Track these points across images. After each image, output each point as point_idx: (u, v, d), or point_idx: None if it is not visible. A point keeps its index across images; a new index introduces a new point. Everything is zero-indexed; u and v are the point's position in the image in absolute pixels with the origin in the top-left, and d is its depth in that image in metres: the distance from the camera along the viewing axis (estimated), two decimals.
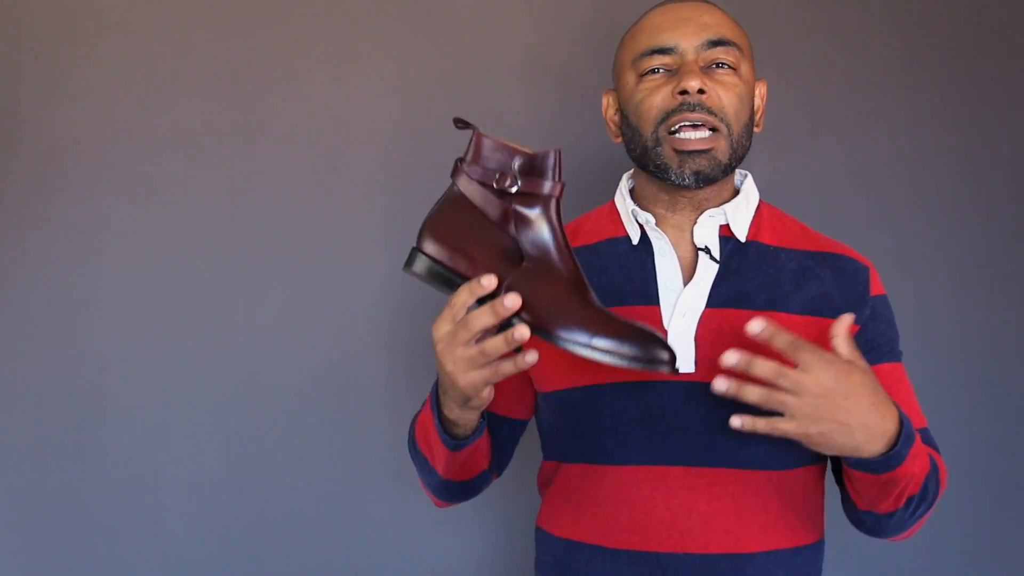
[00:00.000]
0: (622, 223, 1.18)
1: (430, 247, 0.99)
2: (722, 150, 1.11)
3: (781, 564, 1.08)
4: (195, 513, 1.64)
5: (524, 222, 0.98)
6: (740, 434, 1.07)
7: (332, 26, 1.70)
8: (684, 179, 1.11)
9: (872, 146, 1.78)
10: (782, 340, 0.95)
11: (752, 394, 0.95)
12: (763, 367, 0.94)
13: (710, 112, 1.10)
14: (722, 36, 1.12)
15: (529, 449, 1.56)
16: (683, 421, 1.08)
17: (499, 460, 1.23)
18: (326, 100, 1.69)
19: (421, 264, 0.98)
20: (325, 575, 1.67)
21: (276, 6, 1.69)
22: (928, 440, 1.15)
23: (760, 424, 0.96)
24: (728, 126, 1.11)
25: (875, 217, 1.78)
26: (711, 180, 1.12)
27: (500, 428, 1.21)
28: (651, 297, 1.12)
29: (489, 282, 0.93)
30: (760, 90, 1.20)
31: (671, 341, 1.09)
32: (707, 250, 1.13)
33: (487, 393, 0.98)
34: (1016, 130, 1.82)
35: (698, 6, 1.14)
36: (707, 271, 1.12)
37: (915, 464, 1.01)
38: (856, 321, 1.14)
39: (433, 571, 1.70)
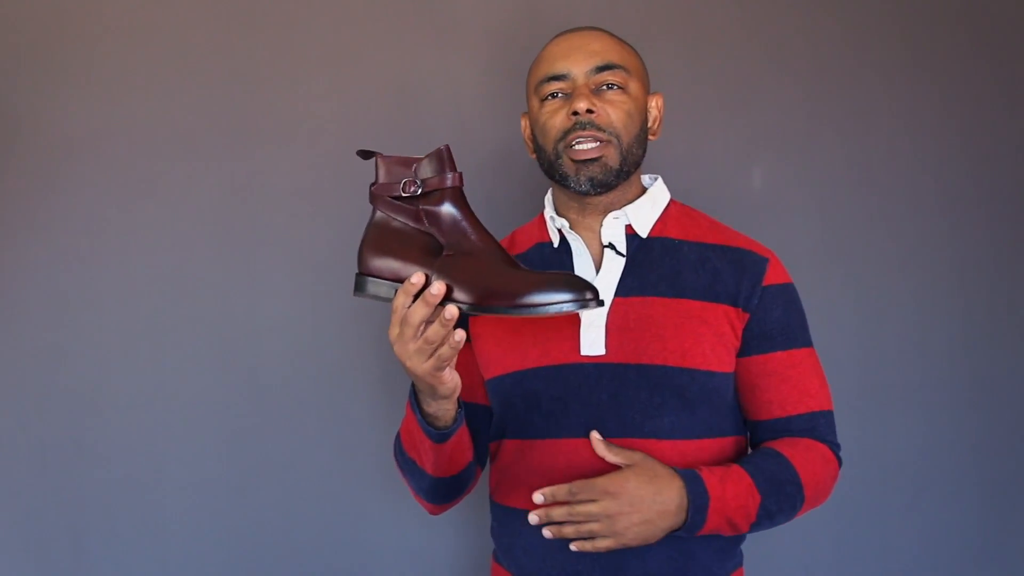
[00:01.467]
0: (547, 230, 1.35)
1: (367, 266, 1.10)
2: (612, 157, 1.26)
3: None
4: (195, 513, 1.64)
5: (433, 217, 1.08)
6: (645, 408, 1.21)
7: (332, 26, 1.70)
8: (581, 185, 1.26)
9: (872, 146, 1.78)
10: (564, 494, 1.14)
11: (566, 530, 1.14)
12: (556, 513, 1.14)
13: (599, 128, 1.25)
14: (608, 61, 1.27)
15: None
16: (595, 398, 1.23)
17: (478, 450, 1.33)
18: (326, 100, 1.69)
19: (362, 283, 1.10)
20: (324, 575, 1.67)
21: (276, 6, 1.69)
22: (818, 425, 1.28)
23: (587, 546, 1.14)
24: (617, 138, 1.26)
25: (875, 217, 1.78)
26: (606, 185, 1.27)
27: (470, 414, 1.34)
28: None
29: (417, 278, 1.05)
30: (655, 102, 1.34)
31: (584, 328, 1.24)
32: (611, 246, 1.28)
33: (447, 378, 1.09)
34: (1016, 130, 1.82)
35: (589, 34, 1.30)
36: (613, 265, 1.27)
37: (728, 508, 1.17)
38: (746, 309, 1.27)
39: (432, 571, 1.70)
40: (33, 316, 1.63)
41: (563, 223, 1.30)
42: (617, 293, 1.26)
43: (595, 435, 1.18)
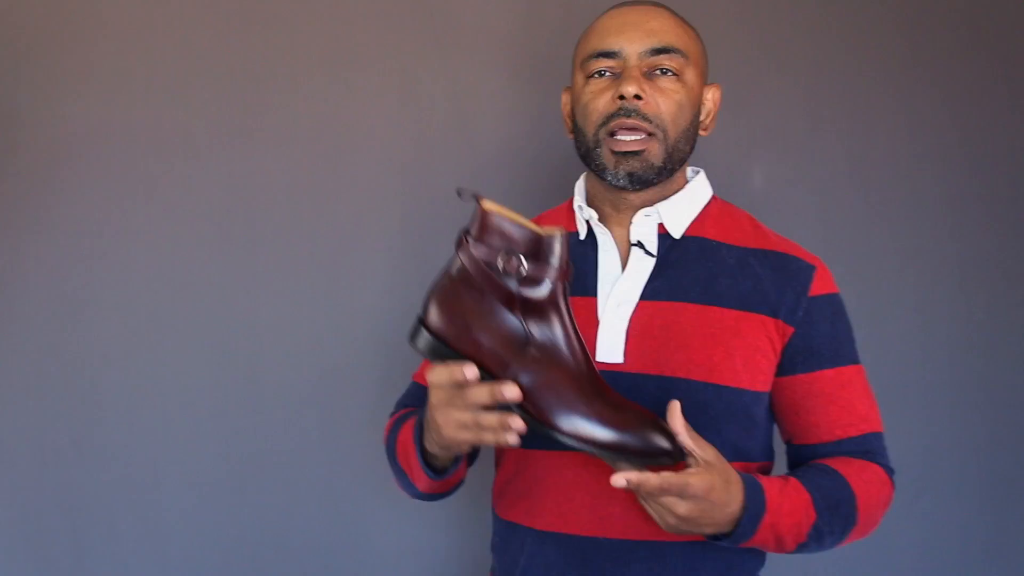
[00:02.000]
0: (575, 219, 1.23)
1: (435, 323, 0.97)
2: (655, 153, 1.14)
3: (697, 555, 1.12)
4: (195, 513, 1.64)
5: (530, 308, 0.95)
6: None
7: (332, 26, 1.70)
8: (619, 180, 1.15)
9: (872, 146, 1.78)
10: (653, 486, 0.98)
11: (652, 482, 0.99)
12: (650, 485, 0.97)
13: (645, 118, 1.13)
14: (666, 43, 1.15)
15: None
16: None
17: (470, 456, 1.24)
18: (326, 100, 1.69)
19: (424, 341, 0.97)
20: (324, 575, 1.67)
21: (276, 6, 1.69)
22: (873, 447, 1.17)
23: (650, 509, 1.03)
24: (664, 131, 1.14)
25: (875, 217, 1.78)
26: (645, 182, 1.16)
27: None
28: (589, 289, 1.17)
29: (512, 393, 0.93)
30: (712, 95, 1.23)
31: (603, 331, 1.13)
32: (640, 244, 1.17)
33: (467, 449, 1.02)
34: (1016, 130, 1.82)
35: (648, 11, 1.17)
36: (641, 265, 1.16)
37: (780, 524, 1.06)
38: (790, 322, 1.16)
39: (432, 570, 1.70)
40: (33, 316, 1.63)
41: (592, 214, 1.19)
42: (643, 296, 1.14)
43: (676, 406, 1.01)
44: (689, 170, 1.25)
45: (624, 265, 1.17)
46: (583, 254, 1.19)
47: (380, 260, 1.68)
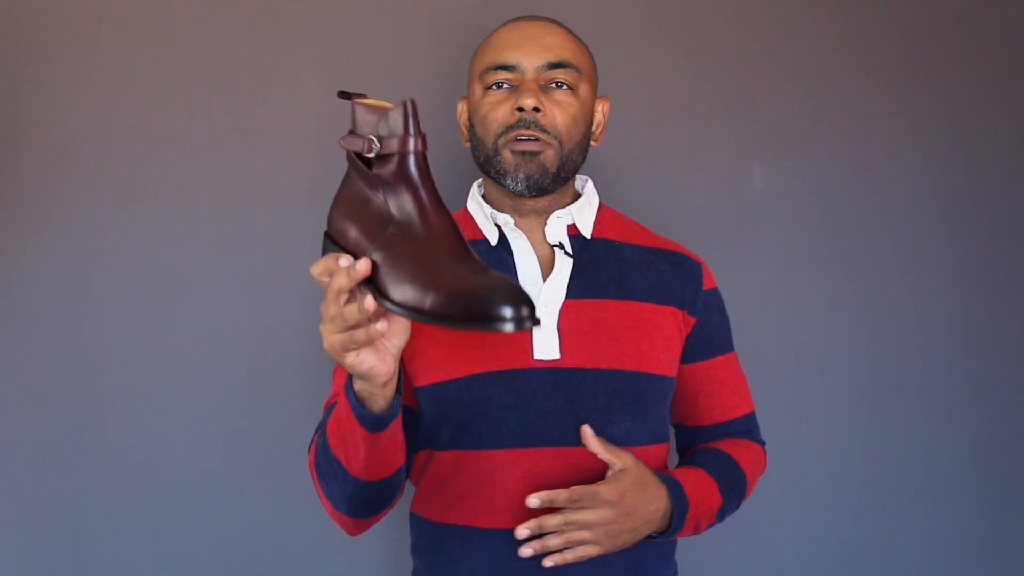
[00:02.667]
0: (478, 227, 1.26)
1: (331, 226, 0.97)
2: (550, 160, 1.20)
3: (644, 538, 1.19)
4: (195, 513, 1.64)
5: (387, 185, 0.92)
6: (604, 414, 1.17)
7: (332, 26, 1.70)
8: (518, 184, 1.20)
9: (872, 146, 1.79)
10: (564, 499, 1.06)
11: (553, 541, 1.08)
12: (552, 523, 1.07)
13: (543, 130, 1.18)
14: (562, 59, 1.20)
15: None
16: (551, 405, 1.16)
17: (410, 452, 1.21)
18: (326, 100, 1.69)
19: (325, 245, 0.97)
20: (324, 575, 1.67)
21: (276, 6, 1.69)
22: (743, 428, 1.31)
23: (569, 556, 1.08)
24: (560, 142, 1.20)
25: (875, 217, 1.78)
26: (541, 188, 1.21)
27: (406, 422, 1.21)
28: None
29: (362, 267, 0.89)
30: (602, 107, 1.29)
31: (538, 331, 1.17)
32: (561, 246, 1.23)
33: (357, 362, 0.93)
34: (1016, 130, 1.82)
35: (544, 27, 1.23)
36: (564, 265, 1.22)
37: (699, 514, 1.18)
38: (692, 313, 1.25)
39: None
40: (33, 316, 1.63)
41: (507, 219, 1.24)
42: (568, 295, 1.20)
43: (588, 430, 1.11)
44: (578, 179, 1.32)
45: (542, 265, 1.22)
46: (499, 259, 1.23)
47: None
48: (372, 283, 0.90)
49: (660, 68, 1.75)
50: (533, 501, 1.05)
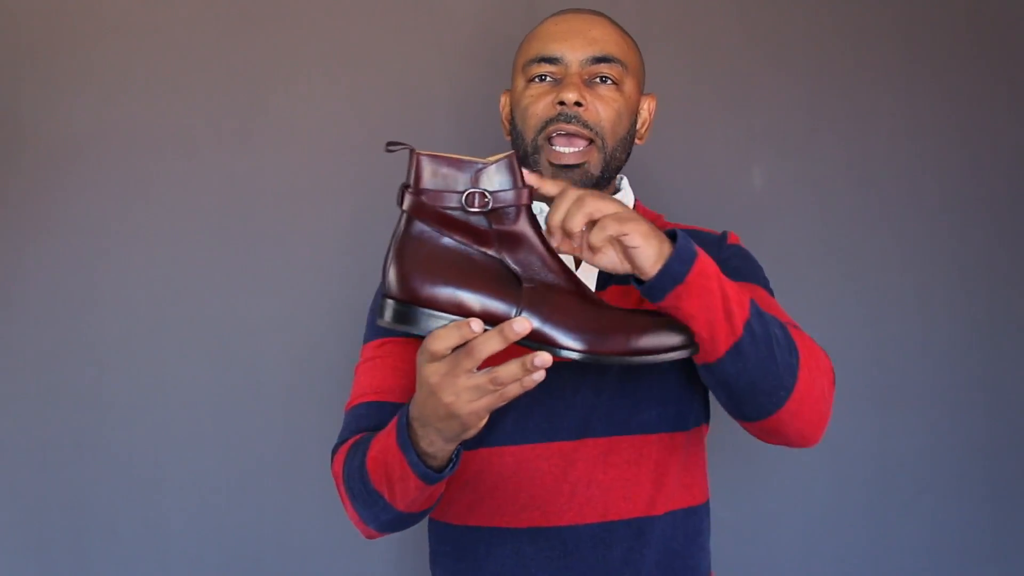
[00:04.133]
0: None
1: (418, 295, 0.88)
2: (595, 163, 1.16)
3: (678, 525, 1.13)
4: (195, 513, 1.64)
5: (507, 240, 0.89)
6: (631, 402, 1.12)
7: (331, 26, 1.70)
8: None
9: (872, 146, 1.78)
10: (551, 188, 0.92)
11: (595, 237, 0.91)
12: (574, 221, 0.90)
13: (585, 125, 1.14)
14: (607, 53, 1.17)
15: None
16: (579, 396, 1.12)
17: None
18: (325, 100, 1.69)
19: (413, 317, 0.88)
20: (324, 575, 1.67)
21: (276, 6, 1.69)
22: (791, 327, 1.08)
23: (612, 257, 0.93)
24: (603, 139, 1.16)
25: (875, 217, 1.78)
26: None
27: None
28: None
29: (522, 326, 0.86)
30: (648, 105, 1.25)
31: None
32: None
33: (484, 422, 0.93)
34: (1016, 129, 1.82)
35: (591, 19, 1.19)
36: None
37: (722, 279, 0.96)
38: (716, 261, 1.10)
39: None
40: (34, 316, 1.63)
41: (543, 207, 1.19)
42: (596, 286, 1.18)
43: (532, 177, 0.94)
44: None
45: (575, 259, 1.18)
46: None
47: (380, 259, 1.68)
48: (526, 340, 0.88)
49: (660, 68, 1.74)
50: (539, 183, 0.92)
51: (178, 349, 1.65)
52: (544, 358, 0.85)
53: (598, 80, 1.17)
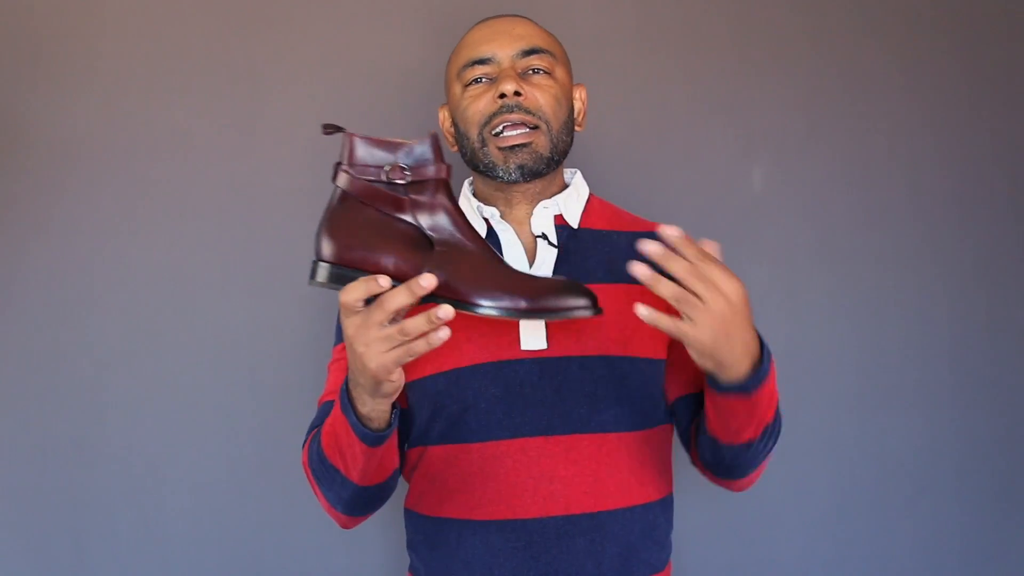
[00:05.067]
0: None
1: (331, 253, 0.99)
2: (542, 144, 1.21)
3: (636, 519, 1.18)
4: (195, 513, 1.64)
5: (422, 208, 1.00)
6: (591, 401, 1.16)
7: (331, 27, 1.70)
8: (510, 174, 1.21)
9: (871, 146, 1.79)
10: (687, 252, 0.97)
11: (666, 289, 0.97)
12: (689, 251, 0.97)
13: (528, 112, 1.20)
14: (534, 45, 1.23)
15: None
16: (539, 394, 1.16)
17: (401, 455, 1.24)
18: (326, 100, 1.69)
19: (324, 271, 0.99)
20: (324, 575, 1.67)
21: (275, 6, 1.69)
22: None
23: (664, 321, 0.98)
24: (547, 123, 1.21)
25: (874, 218, 1.78)
26: (535, 173, 1.22)
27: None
28: None
29: (428, 281, 0.94)
30: (579, 93, 1.30)
31: (524, 322, 1.18)
32: (544, 236, 1.23)
33: (397, 376, 0.99)
34: (1014, 131, 1.82)
35: (512, 20, 1.26)
36: (547, 255, 1.22)
37: (774, 384, 1.08)
38: None
39: None
40: (33, 316, 1.63)
41: (493, 212, 1.25)
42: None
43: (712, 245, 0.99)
44: (567, 171, 1.32)
45: (529, 256, 1.23)
46: None
47: None
48: (432, 296, 0.98)
49: (659, 69, 1.75)
50: (650, 247, 0.96)
51: (178, 349, 1.65)
52: (447, 310, 0.93)
53: (531, 72, 1.22)
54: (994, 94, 1.81)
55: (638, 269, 0.96)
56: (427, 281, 0.94)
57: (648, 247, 0.96)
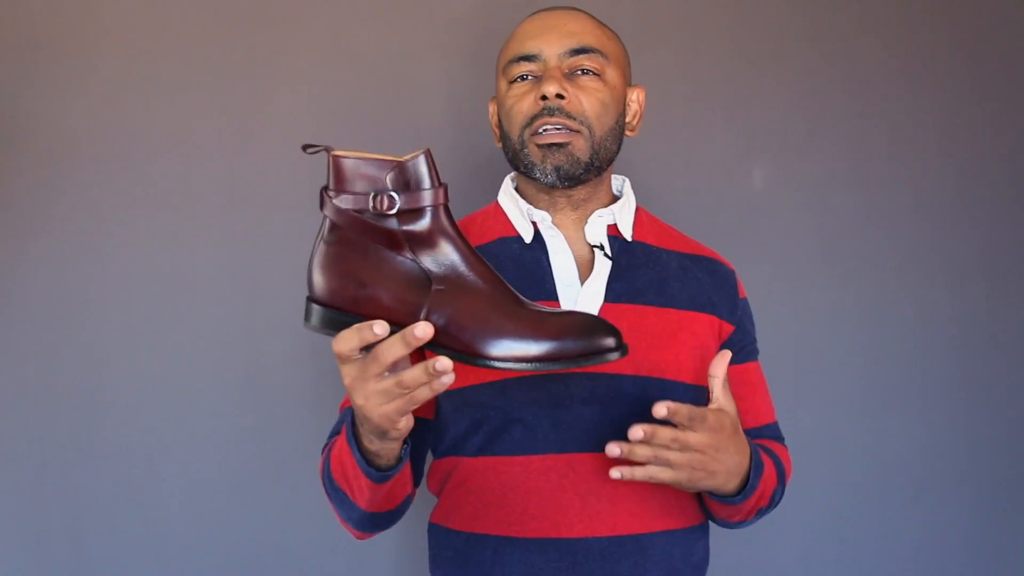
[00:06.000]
0: (511, 223, 1.22)
1: (323, 293, 0.88)
2: (581, 148, 1.15)
3: (678, 543, 1.15)
4: (195, 513, 1.64)
5: (418, 241, 0.87)
6: (638, 421, 1.09)
7: (331, 26, 1.70)
8: (547, 175, 1.16)
9: (872, 146, 1.79)
10: (683, 416, 0.99)
11: (642, 453, 1.00)
12: (663, 437, 1.00)
13: (569, 116, 1.14)
14: (585, 44, 1.17)
15: None
16: (588, 411, 1.12)
17: (417, 472, 1.20)
18: (326, 100, 1.69)
19: (317, 315, 0.89)
20: (324, 575, 1.67)
21: (276, 6, 1.69)
22: (775, 434, 1.27)
23: (639, 473, 1.01)
24: (589, 128, 1.16)
25: (874, 217, 1.78)
26: (572, 177, 1.16)
27: (416, 432, 1.17)
28: (549, 293, 1.16)
29: (422, 331, 0.84)
30: (636, 95, 1.24)
31: None
32: (601, 247, 1.18)
33: (404, 423, 0.92)
34: (1015, 130, 1.82)
35: (566, 14, 1.19)
36: (603, 268, 1.17)
37: (766, 486, 1.13)
38: (731, 322, 1.23)
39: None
40: (33, 316, 1.63)
41: (544, 216, 1.19)
42: (605, 299, 1.16)
43: (727, 355, 1.05)
44: (616, 178, 1.28)
45: (579, 266, 1.18)
46: (533, 258, 1.18)
47: None
48: (433, 346, 0.87)
49: (659, 68, 1.75)
50: (637, 433, 0.97)
51: (178, 349, 1.65)
52: (444, 363, 0.84)
53: (579, 72, 1.17)
54: (994, 93, 1.81)
55: (613, 450, 0.99)
56: (422, 331, 0.84)
57: (612, 451, 0.99)
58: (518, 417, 1.12)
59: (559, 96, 1.14)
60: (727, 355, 1.06)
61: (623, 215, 1.22)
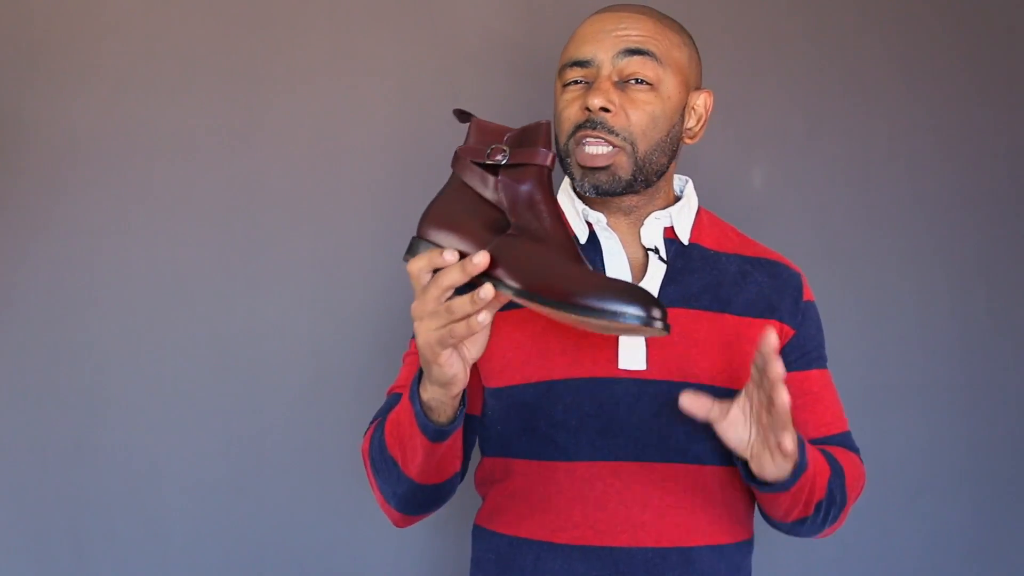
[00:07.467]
0: (568, 223, 1.20)
1: (428, 232, 0.98)
2: (623, 167, 1.12)
3: (724, 558, 1.13)
4: (195, 513, 1.64)
5: (509, 190, 0.96)
6: (690, 429, 1.09)
7: (332, 26, 1.70)
8: (586, 190, 1.15)
9: (872, 146, 1.79)
10: (775, 371, 0.95)
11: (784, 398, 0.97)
12: (775, 370, 0.95)
13: (611, 131, 1.11)
14: (638, 46, 1.12)
15: None
16: (636, 417, 1.09)
17: (464, 457, 1.19)
18: (326, 100, 1.69)
19: (415, 246, 0.98)
20: (324, 575, 1.67)
21: (276, 7, 1.69)
22: (850, 444, 1.22)
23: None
24: (632, 144, 1.12)
25: (875, 217, 1.78)
26: (613, 193, 1.15)
27: (464, 423, 1.17)
28: None
29: (480, 259, 0.90)
30: (702, 100, 1.20)
31: (623, 339, 1.11)
32: (656, 250, 1.15)
33: (447, 362, 0.94)
34: (1015, 130, 1.82)
35: (623, 15, 1.15)
36: (657, 271, 1.14)
37: (816, 471, 1.07)
38: (792, 325, 1.18)
39: (433, 570, 1.70)
40: (33, 316, 1.63)
41: (599, 217, 1.17)
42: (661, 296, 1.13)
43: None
44: (678, 178, 1.24)
45: (634, 270, 1.16)
46: (588, 259, 1.15)
47: (380, 260, 1.68)
48: (487, 277, 0.93)
49: None
50: (773, 339, 0.95)
51: (178, 349, 1.65)
52: (487, 290, 0.89)
53: (633, 82, 1.12)
54: (994, 93, 1.81)
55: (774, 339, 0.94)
56: (479, 259, 0.90)
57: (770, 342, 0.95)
58: (562, 421, 1.10)
59: (604, 109, 1.10)
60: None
61: (681, 217, 1.19)
